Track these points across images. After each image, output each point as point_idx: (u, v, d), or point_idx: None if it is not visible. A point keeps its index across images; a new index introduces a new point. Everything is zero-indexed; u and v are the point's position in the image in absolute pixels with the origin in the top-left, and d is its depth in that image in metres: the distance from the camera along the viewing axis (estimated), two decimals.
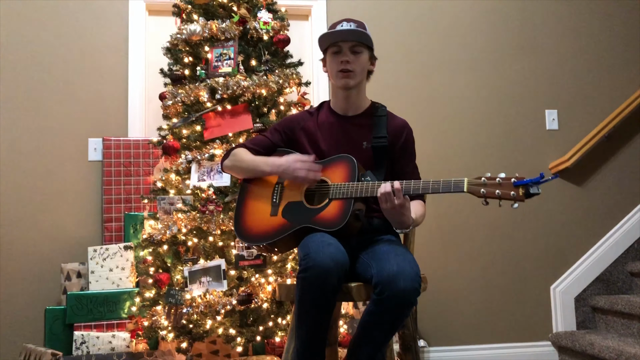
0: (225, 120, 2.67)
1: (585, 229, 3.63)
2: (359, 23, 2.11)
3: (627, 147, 3.71)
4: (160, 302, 2.59)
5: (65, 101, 3.31)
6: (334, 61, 2.10)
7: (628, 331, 3.25)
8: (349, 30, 2.06)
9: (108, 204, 3.21)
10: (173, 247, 2.64)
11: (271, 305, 2.48)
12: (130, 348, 2.76)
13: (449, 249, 3.51)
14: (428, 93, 3.60)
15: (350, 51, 2.08)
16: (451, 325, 3.46)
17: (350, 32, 2.06)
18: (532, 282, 3.55)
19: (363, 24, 2.13)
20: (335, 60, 2.09)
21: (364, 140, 2.10)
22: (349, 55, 2.08)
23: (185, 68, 2.83)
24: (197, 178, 2.61)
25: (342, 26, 2.08)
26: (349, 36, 2.07)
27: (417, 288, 1.74)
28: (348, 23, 2.09)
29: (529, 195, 1.75)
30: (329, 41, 2.10)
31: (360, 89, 2.16)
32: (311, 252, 1.76)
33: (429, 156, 3.50)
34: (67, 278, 3.03)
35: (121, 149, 3.26)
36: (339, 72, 2.09)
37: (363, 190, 1.94)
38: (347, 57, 2.08)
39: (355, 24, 2.09)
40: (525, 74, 3.68)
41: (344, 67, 2.08)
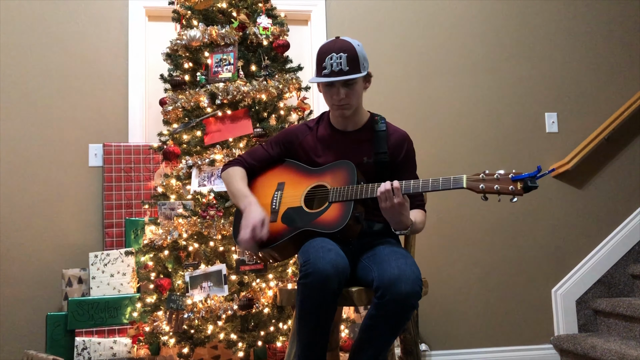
0: (225, 126, 2.67)
1: (586, 231, 3.63)
2: (349, 51, 2.00)
3: (627, 149, 3.71)
4: (161, 307, 2.59)
5: (66, 107, 3.32)
6: (328, 94, 2.07)
7: (630, 334, 3.24)
8: (340, 71, 1.99)
9: (109, 209, 3.21)
10: (174, 253, 2.64)
11: (272, 310, 2.48)
12: (131, 354, 2.76)
13: (450, 252, 3.51)
14: (428, 96, 3.61)
15: (343, 85, 2.03)
16: (453, 329, 3.45)
17: (340, 73, 1.99)
18: (534, 285, 3.55)
19: (354, 48, 2.02)
20: (329, 94, 2.07)
21: (365, 156, 2.10)
22: (342, 91, 2.03)
23: (185, 74, 2.84)
24: (198, 183, 2.62)
25: (331, 59, 2.00)
26: (340, 77, 1.99)
27: (418, 291, 1.74)
28: (338, 55, 1.99)
29: (527, 189, 1.77)
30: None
31: (358, 107, 2.13)
32: (311, 258, 1.76)
33: (428, 160, 3.50)
34: (68, 284, 3.03)
35: (122, 155, 3.26)
36: (333, 105, 2.08)
37: (363, 191, 1.94)
38: (341, 95, 2.04)
39: (345, 53, 1.99)
40: (524, 77, 3.69)
41: (338, 103, 2.06)
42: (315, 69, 2.06)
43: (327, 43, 2.05)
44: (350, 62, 2.00)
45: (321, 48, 2.05)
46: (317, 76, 2.05)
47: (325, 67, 2.00)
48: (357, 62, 2.02)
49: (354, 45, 2.03)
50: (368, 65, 2.09)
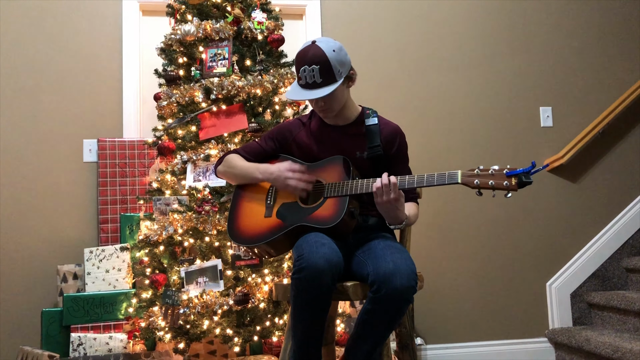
0: (220, 121, 2.67)
1: (581, 225, 3.64)
2: (321, 62, 1.94)
3: (622, 143, 3.73)
4: (157, 302, 2.59)
5: (60, 102, 3.31)
6: (309, 101, 2.07)
7: (624, 327, 3.26)
8: (314, 84, 1.96)
9: (104, 205, 3.21)
10: (169, 248, 2.64)
11: (268, 304, 2.48)
12: (127, 349, 2.76)
13: (446, 246, 3.52)
14: (422, 91, 3.61)
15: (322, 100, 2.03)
16: (448, 323, 3.46)
17: (314, 86, 1.97)
18: (528, 279, 3.56)
19: (326, 58, 1.95)
20: (310, 101, 2.07)
21: (357, 150, 2.09)
22: (319, 102, 2.04)
23: (180, 68, 2.83)
24: (193, 178, 2.61)
25: (304, 72, 1.96)
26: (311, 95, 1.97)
27: (413, 286, 1.74)
28: (310, 68, 1.95)
29: (522, 185, 1.77)
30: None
31: (345, 104, 2.12)
32: (305, 253, 1.76)
33: (422, 154, 3.50)
34: (64, 280, 3.03)
35: (116, 150, 3.25)
36: (314, 109, 2.10)
37: (358, 186, 1.95)
38: (319, 104, 2.05)
39: (317, 65, 1.94)
40: (519, 72, 3.69)
41: (319, 110, 2.08)
42: (296, 73, 2.04)
43: (302, 50, 2.01)
44: (323, 74, 1.96)
45: (297, 55, 2.02)
46: (297, 82, 2.04)
47: (301, 78, 1.99)
48: (331, 72, 1.97)
49: (327, 53, 1.96)
50: (348, 67, 2.03)
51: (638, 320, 3.15)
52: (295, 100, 2.03)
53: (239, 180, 2.18)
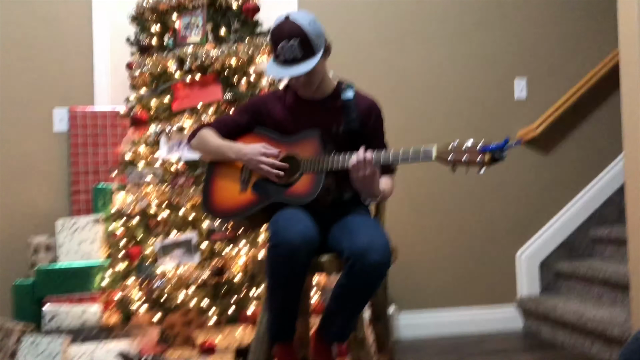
0: (194, 91, 2.62)
1: (551, 196, 3.71)
2: (299, 35, 1.92)
3: (593, 116, 3.78)
4: (131, 275, 2.58)
5: (28, 70, 3.21)
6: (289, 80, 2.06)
7: (589, 294, 3.38)
8: (294, 59, 1.93)
9: (76, 176, 3.16)
10: (144, 220, 2.62)
11: (244, 277, 2.49)
12: (102, 321, 2.76)
13: (419, 216, 3.56)
14: (399, 62, 3.59)
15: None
16: (420, 291, 3.53)
17: (294, 61, 1.94)
18: (499, 249, 3.64)
19: (304, 31, 1.92)
20: (289, 81, 2.06)
21: (334, 124, 2.07)
22: (301, 78, 2.01)
23: (153, 37, 2.76)
24: (167, 150, 2.58)
25: (282, 48, 1.93)
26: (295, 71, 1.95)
27: (387, 261, 1.77)
28: (289, 43, 1.92)
29: (495, 161, 1.79)
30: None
31: (322, 79, 2.09)
32: (280, 229, 1.77)
33: (398, 126, 3.50)
34: (35, 252, 2.99)
35: (88, 120, 3.19)
36: (293, 85, 2.07)
37: (334, 162, 1.95)
38: (300, 81, 2.02)
39: (296, 39, 1.91)
40: (495, 43, 3.69)
41: (300, 86, 2.05)
42: (272, 50, 2.00)
43: (277, 26, 1.96)
44: (303, 48, 1.93)
45: (273, 31, 1.97)
46: (274, 59, 1.99)
47: (279, 55, 1.95)
48: (310, 45, 1.95)
49: (303, 27, 1.93)
50: (323, 39, 2.01)
51: (602, 288, 3.26)
52: (278, 78, 2.00)
53: (211, 156, 2.16)
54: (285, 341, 1.93)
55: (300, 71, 1.94)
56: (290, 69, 1.95)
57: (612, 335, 2.76)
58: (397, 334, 3.46)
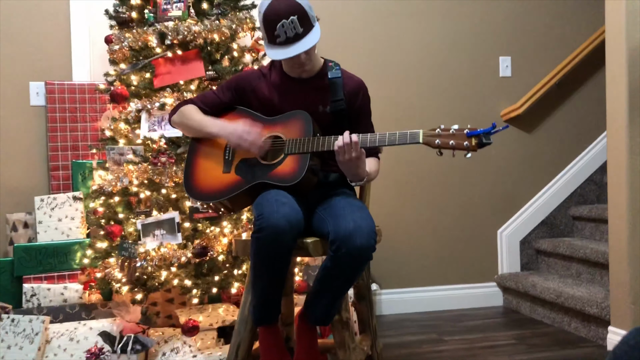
0: (176, 67, 2.56)
1: (533, 175, 3.74)
2: (297, 11, 1.87)
3: (576, 94, 3.79)
4: (112, 254, 2.55)
5: (3, 42, 3.10)
6: (284, 60, 1.98)
7: (568, 272, 3.43)
8: (296, 36, 1.88)
9: (54, 151, 3.09)
10: (124, 198, 2.57)
11: (227, 257, 2.48)
12: (83, 299, 2.73)
13: (402, 195, 3.56)
14: (383, 39, 3.55)
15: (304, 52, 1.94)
16: (402, 269, 3.56)
17: (297, 38, 1.89)
18: (481, 227, 3.67)
19: (300, 5, 1.88)
20: (286, 60, 1.97)
21: (320, 104, 2.05)
22: (302, 55, 1.94)
23: (132, 10, 2.67)
24: (148, 128, 2.52)
25: (283, 26, 1.86)
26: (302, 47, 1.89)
27: (372, 245, 1.76)
28: (289, 20, 1.86)
29: (482, 145, 1.79)
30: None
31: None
32: (265, 213, 1.75)
33: (383, 102, 3.48)
34: (14, 229, 2.94)
35: (66, 94, 3.11)
36: (294, 65, 2.00)
37: (319, 144, 1.92)
38: (302, 58, 1.96)
39: (295, 15, 1.86)
40: (480, 21, 3.66)
41: (300, 65, 1.99)
42: (265, 35, 1.92)
43: (270, 7, 1.88)
44: (302, 22, 1.89)
45: (267, 13, 1.88)
46: (270, 43, 1.92)
47: (279, 35, 1.88)
48: (308, 18, 1.91)
49: (298, 1, 1.89)
50: (313, 11, 1.98)
51: (581, 266, 3.31)
52: (287, 58, 1.90)
53: (194, 133, 2.12)
54: (269, 323, 1.93)
55: (309, 44, 1.89)
56: (298, 45, 1.89)
57: (590, 313, 2.81)
58: (379, 310, 3.49)
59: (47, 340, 2.50)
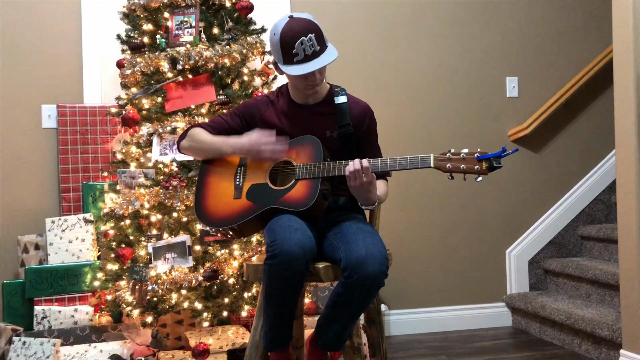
0: (187, 92, 2.59)
1: (541, 194, 3.74)
2: (314, 30, 1.93)
3: (583, 114, 3.80)
4: (123, 277, 2.56)
5: (16, 65, 3.15)
6: (299, 79, 2.00)
7: (577, 293, 3.42)
8: (314, 53, 1.93)
9: (65, 173, 3.12)
10: (135, 221, 2.59)
11: (237, 280, 2.49)
12: (93, 321, 2.74)
13: (410, 215, 3.57)
14: (391, 60, 3.58)
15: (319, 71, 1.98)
16: (411, 289, 3.56)
17: (314, 55, 1.93)
18: (489, 247, 3.67)
19: (315, 24, 1.94)
20: (302, 78, 1.99)
21: (327, 129, 2.07)
22: (317, 73, 1.98)
23: (144, 35, 2.71)
24: (159, 152, 2.55)
25: (302, 44, 1.91)
26: (323, 61, 1.94)
27: (385, 271, 1.77)
28: (307, 38, 1.91)
29: (492, 169, 1.81)
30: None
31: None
32: (278, 239, 1.75)
33: (390, 122, 3.50)
34: (25, 250, 2.96)
35: (77, 116, 3.14)
36: (307, 86, 2.02)
37: (330, 169, 1.94)
38: (317, 77, 1.99)
39: (312, 34, 1.92)
40: (487, 41, 3.69)
41: (314, 84, 2.01)
42: (282, 56, 1.95)
43: (287, 27, 1.92)
44: (319, 41, 1.95)
45: (284, 33, 1.92)
46: (287, 63, 1.95)
47: (297, 53, 1.92)
48: (323, 38, 1.98)
49: (313, 21, 1.97)
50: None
51: (590, 287, 3.30)
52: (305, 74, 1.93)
53: (205, 154, 2.14)
54: (280, 348, 1.93)
55: (330, 58, 1.94)
56: (319, 60, 1.93)
57: (601, 336, 2.80)
58: (388, 331, 3.48)
59: None
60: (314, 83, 2.00)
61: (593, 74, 3.69)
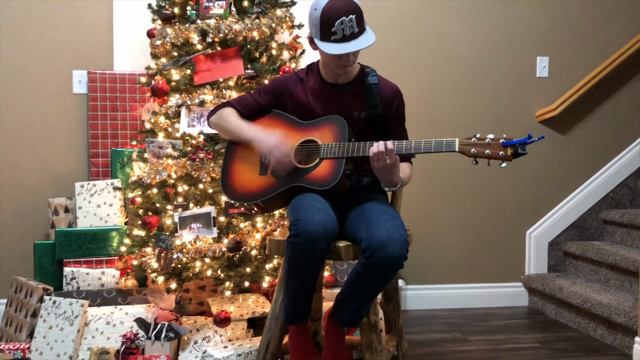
0: (216, 65, 2.61)
1: (565, 176, 3.72)
2: (355, 11, 1.93)
3: (614, 97, 3.74)
4: (149, 243, 2.64)
5: (48, 31, 3.19)
6: (332, 58, 2.00)
7: (595, 277, 3.42)
8: (352, 34, 1.93)
9: (94, 139, 3.18)
10: (162, 190, 2.65)
11: (259, 251, 2.54)
12: (119, 285, 2.84)
13: (431, 193, 3.58)
14: (421, 36, 3.54)
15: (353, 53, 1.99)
16: (429, 265, 3.59)
17: (352, 36, 1.93)
18: (509, 227, 3.67)
19: (357, 6, 1.95)
20: (335, 57, 1.99)
21: (356, 110, 2.08)
22: (351, 55, 1.99)
23: (175, 6, 2.72)
24: (187, 123, 2.59)
25: (342, 24, 1.91)
26: (361, 45, 1.94)
27: (404, 254, 1.81)
28: (348, 19, 1.91)
29: (517, 155, 1.82)
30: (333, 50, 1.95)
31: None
32: (301, 218, 1.80)
33: (418, 101, 3.49)
34: (55, 213, 3.05)
35: (107, 83, 3.19)
36: (339, 65, 2.02)
37: (354, 149, 1.96)
38: (350, 58, 2.00)
39: (354, 15, 1.92)
40: (519, 20, 3.62)
41: (346, 64, 2.01)
42: (320, 31, 1.95)
43: (330, 3, 1.93)
44: (359, 22, 1.95)
45: (326, 10, 1.92)
46: (324, 40, 1.95)
47: (336, 32, 1.92)
48: (363, 20, 1.98)
49: (356, 2, 1.96)
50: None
51: (610, 272, 3.30)
52: (341, 54, 1.94)
53: (229, 136, 2.18)
54: (299, 322, 1.99)
55: (367, 42, 1.94)
56: (357, 42, 1.94)
57: (617, 322, 2.81)
58: (404, 305, 3.54)
59: (85, 323, 2.62)
60: (346, 64, 2.01)
61: (626, 57, 3.61)
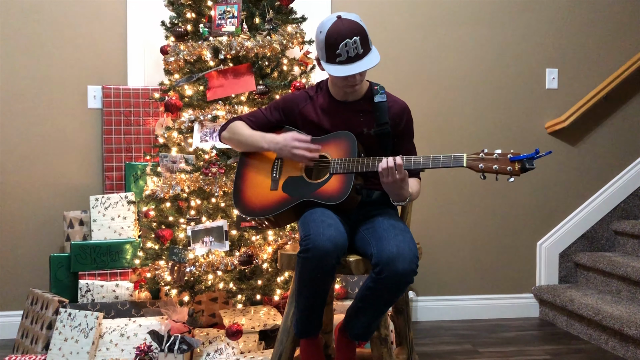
0: (228, 81, 2.66)
1: (576, 187, 3.72)
2: (359, 32, 1.96)
3: (623, 109, 3.74)
4: (162, 256, 2.68)
5: (64, 47, 3.27)
6: (339, 79, 2.03)
7: (607, 288, 3.41)
8: (357, 56, 1.97)
9: (108, 152, 3.24)
10: (175, 204, 2.70)
11: (271, 264, 2.58)
12: (133, 297, 2.88)
13: (441, 203, 3.60)
14: (430, 48, 3.57)
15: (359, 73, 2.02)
16: (439, 277, 3.61)
17: (357, 57, 1.97)
18: (520, 238, 3.68)
19: (362, 27, 1.98)
20: (340, 79, 2.03)
21: (365, 127, 2.12)
22: (357, 76, 2.03)
23: (188, 23, 2.78)
24: (200, 138, 2.64)
25: (346, 46, 1.95)
26: (365, 65, 1.98)
27: (414, 269, 1.83)
28: (352, 40, 1.95)
29: (524, 170, 1.84)
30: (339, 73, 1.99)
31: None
32: (312, 234, 1.83)
33: (427, 112, 3.52)
34: (70, 226, 3.11)
35: (121, 98, 3.25)
36: (346, 86, 2.06)
37: (364, 165, 1.99)
38: (357, 79, 2.04)
39: (358, 36, 1.96)
40: (528, 31, 3.65)
41: (353, 84, 2.05)
42: (325, 54, 2.00)
43: (333, 27, 1.97)
44: (363, 44, 1.98)
45: (330, 33, 1.97)
46: (330, 62, 2.00)
47: (341, 54, 1.97)
48: (367, 41, 2.01)
49: (360, 23, 2.00)
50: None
51: (621, 283, 3.30)
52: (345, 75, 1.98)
53: (243, 147, 2.22)
54: (311, 336, 2.02)
55: (371, 63, 1.98)
56: (359, 64, 1.98)
57: (629, 334, 2.81)
58: (415, 317, 3.55)
59: (100, 335, 2.66)
60: (353, 83, 2.05)
61: (635, 68, 3.62)
